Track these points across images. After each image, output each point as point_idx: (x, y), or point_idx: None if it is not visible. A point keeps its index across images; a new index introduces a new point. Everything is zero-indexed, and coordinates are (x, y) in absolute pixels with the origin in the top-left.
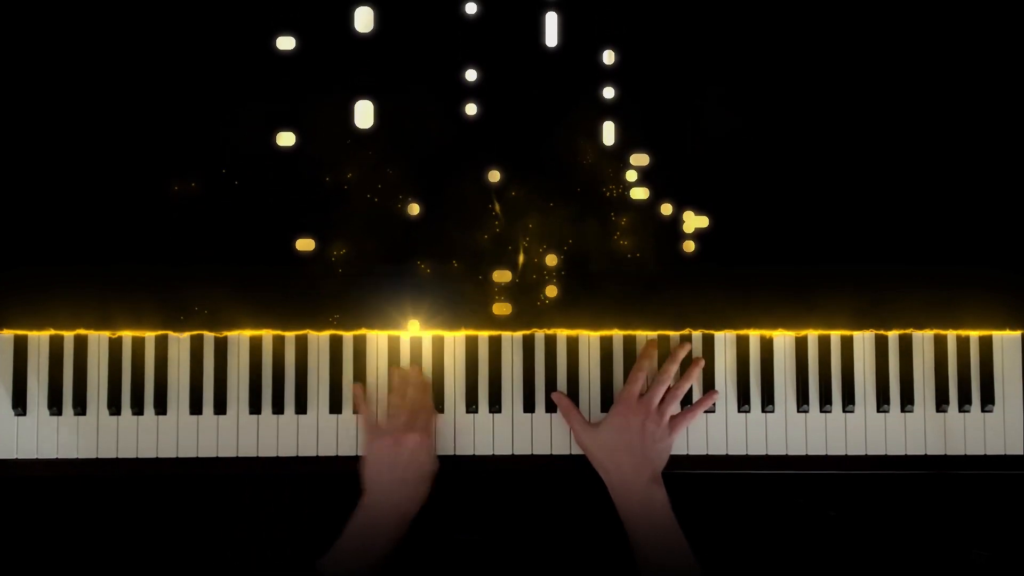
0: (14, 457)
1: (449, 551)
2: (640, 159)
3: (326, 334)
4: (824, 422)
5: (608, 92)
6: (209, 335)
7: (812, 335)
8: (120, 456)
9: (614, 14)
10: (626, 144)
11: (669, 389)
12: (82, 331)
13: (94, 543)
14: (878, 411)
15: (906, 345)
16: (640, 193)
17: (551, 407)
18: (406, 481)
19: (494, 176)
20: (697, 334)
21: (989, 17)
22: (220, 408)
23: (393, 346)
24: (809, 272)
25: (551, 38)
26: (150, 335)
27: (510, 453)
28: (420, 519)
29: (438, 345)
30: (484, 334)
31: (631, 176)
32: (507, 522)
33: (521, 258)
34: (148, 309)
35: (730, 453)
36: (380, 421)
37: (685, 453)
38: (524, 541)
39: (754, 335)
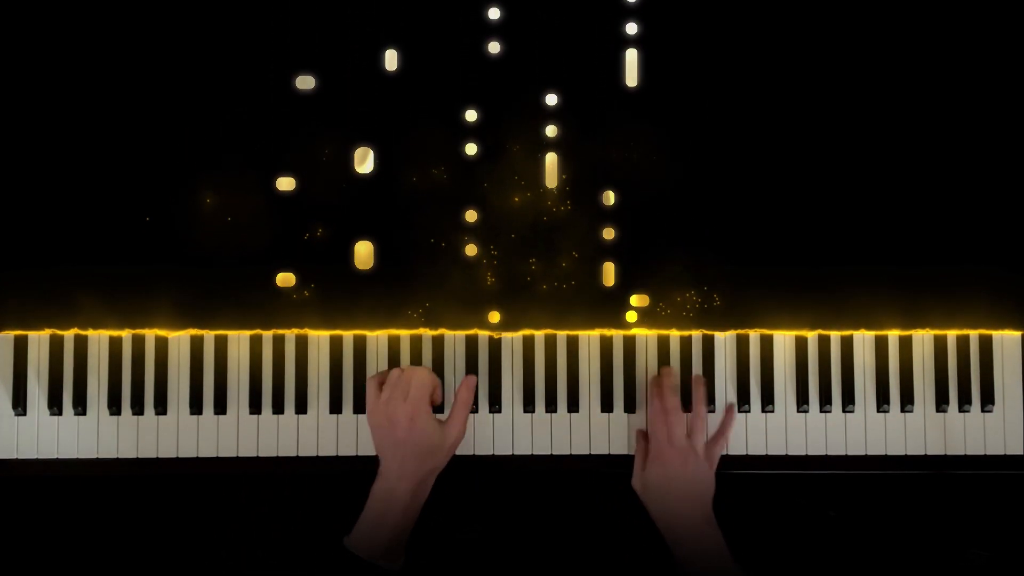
0: (14, 457)
1: (450, 550)
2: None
3: (326, 334)
4: (824, 422)
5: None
6: (209, 335)
7: (812, 335)
8: (120, 456)
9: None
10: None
11: (688, 419)
12: (82, 331)
13: (94, 543)
14: (878, 411)
15: (906, 345)
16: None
17: (551, 407)
18: (408, 455)
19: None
20: (697, 334)
21: (989, 17)
22: (220, 408)
23: (393, 346)
24: (809, 273)
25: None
26: (150, 335)
27: (510, 453)
28: (420, 519)
29: (438, 345)
30: (484, 334)
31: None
32: (508, 521)
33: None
34: (148, 309)
35: (730, 453)
36: (382, 391)
37: None
38: (525, 540)
39: (754, 335)
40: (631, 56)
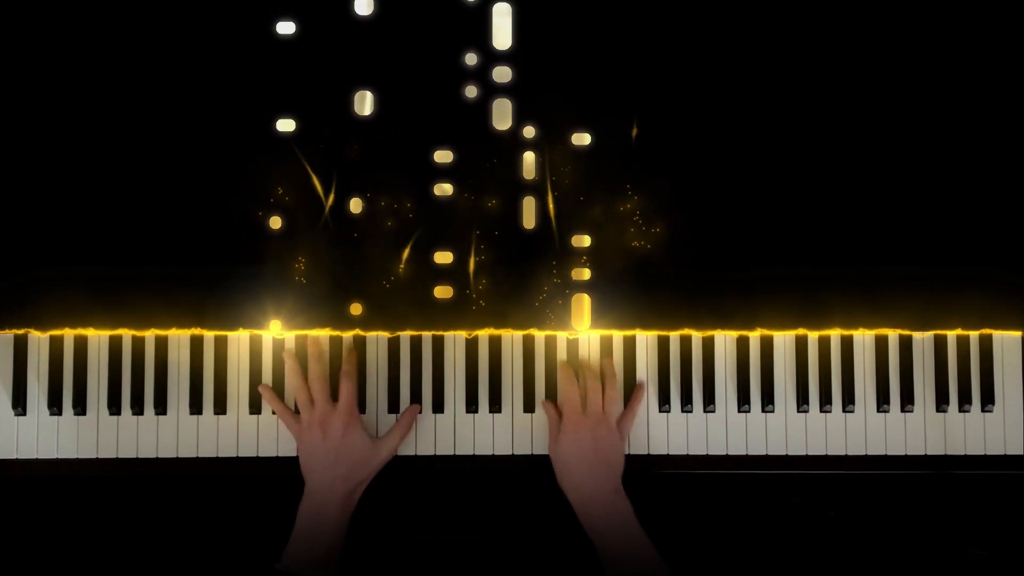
0: (14, 457)
1: (448, 551)
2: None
3: (325, 333)
4: (824, 422)
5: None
6: (209, 335)
7: (812, 335)
8: (120, 456)
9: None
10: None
11: (604, 393)
12: (82, 331)
13: (94, 543)
14: (878, 411)
15: (906, 345)
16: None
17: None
18: (338, 462)
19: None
20: (697, 334)
21: (990, 16)
22: (220, 408)
23: (393, 346)
24: (809, 273)
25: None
26: (150, 335)
27: (510, 453)
28: (420, 519)
29: (438, 345)
30: (484, 334)
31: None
32: (507, 522)
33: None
34: (148, 309)
35: (730, 453)
36: (302, 414)
37: (685, 453)
38: (524, 541)
39: (754, 335)
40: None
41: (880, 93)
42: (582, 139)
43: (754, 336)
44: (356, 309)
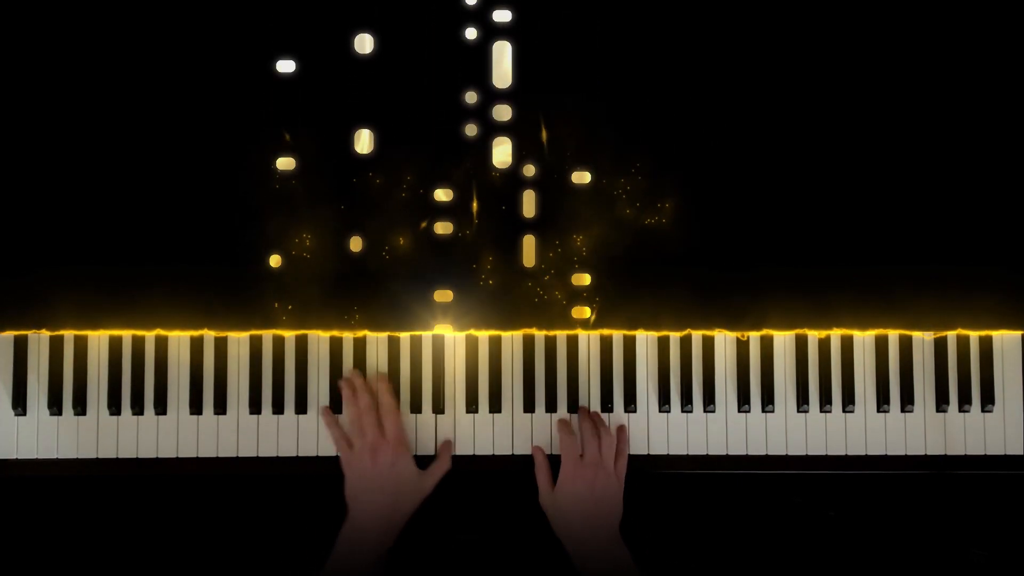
0: (14, 457)
1: (449, 551)
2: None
3: (326, 335)
4: (824, 422)
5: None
6: (209, 335)
7: (812, 335)
8: (120, 456)
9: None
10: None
11: (600, 439)
12: (82, 331)
13: (94, 543)
14: (878, 411)
15: (906, 345)
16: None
17: (551, 407)
18: (384, 491)
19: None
20: (697, 334)
21: (991, 16)
22: (220, 408)
23: (393, 347)
24: (810, 273)
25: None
26: (150, 335)
27: (510, 453)
28: (420, 519)
29: (438, 345)
30: (484, 334)
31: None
32: (507, 522)
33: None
34: (148, 309)
35: (730, 453)
36: (352, 438)
37: (685, 453)
38: (524, 541)
39: (754, 335)
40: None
41: (881, 94)
42: (583, 177)
43: (754, 336)
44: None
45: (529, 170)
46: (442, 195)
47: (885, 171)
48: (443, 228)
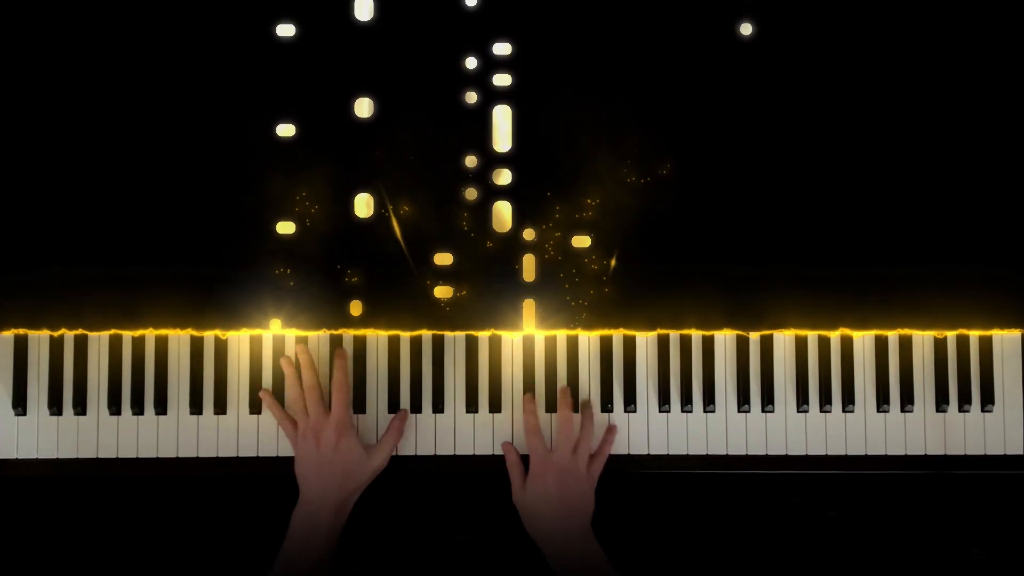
0: (14, 457)
1: (448, 551)
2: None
3: (325, 334)
4: (824, 422)
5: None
6: (209, 335)
7: (812, 335)
8: (120, 456)
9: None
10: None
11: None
12: (82, 331)
13: (94, 543)
14: (878, 411)
15: (906, 345)
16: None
17: (551, 407)
18: (332, 473)
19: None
20: (697, 334)
21: (990, 15)
22: (220, 408)
23: (393, 346)
24: (810, 273)
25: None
26: (150, 335)
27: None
28: (420, 519)
29: (438, 344)
30: (484, 334)
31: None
32: (504, 522)
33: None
34: (148, 309)
35: (730, 453)
36: (298, 423)
37: (685, 453)
38: (521, 541)
39: (754, 335)
40: None
41: (880, 94)
42: (582, 242)
43: (754, 336)
44: (356, 309)
45: (529, 234)
46: (442, 260)
47: (884, 171)
48: (442, 292)
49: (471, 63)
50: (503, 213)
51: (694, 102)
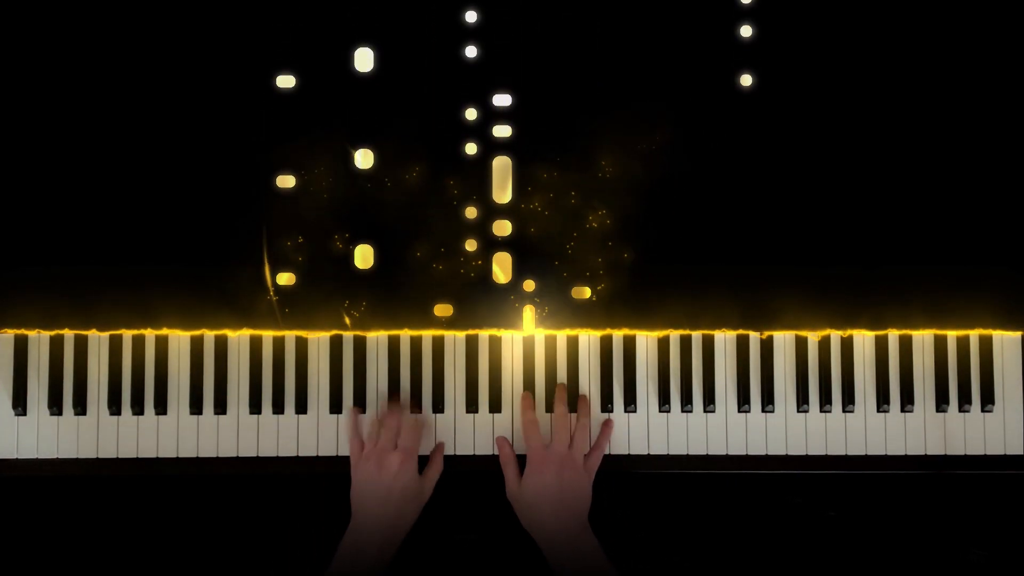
0: (14, 457)
1: (449, 551)
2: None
3: (326, 335)
4: (824, 422)
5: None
6: (209, 335)
7: (812, 335)
8: (120, 456)
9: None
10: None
11: (575, 429)
12: (82, 331)
13: (94, 543)
14: (878, 411)
15: (906, 345)
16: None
17: (551, 407)
18: (389, 502)
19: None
20: (697, 334)
21: (990, 15)
22: (220, 408)
23: (393, 346)
24: (809, 273)
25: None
26: (150, 335)
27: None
28: (420, 519)
29: (438, 344)
30: (484, 334)
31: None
32: (507, 522)
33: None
34: (148, 309)
35: (730, 453)
36: (366, 443)
37: (685, 453)
38: (524, 541)
39: (754, 335)
40: None
41: (881, 94)
42: (582, 292)
43: (754, 336)
44: (356, 309)
45: (529, 285)
46: (443, 311)
47: (884, 172)
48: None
49: (471, 114)
50: (504, 263)
51: (693, 121)
